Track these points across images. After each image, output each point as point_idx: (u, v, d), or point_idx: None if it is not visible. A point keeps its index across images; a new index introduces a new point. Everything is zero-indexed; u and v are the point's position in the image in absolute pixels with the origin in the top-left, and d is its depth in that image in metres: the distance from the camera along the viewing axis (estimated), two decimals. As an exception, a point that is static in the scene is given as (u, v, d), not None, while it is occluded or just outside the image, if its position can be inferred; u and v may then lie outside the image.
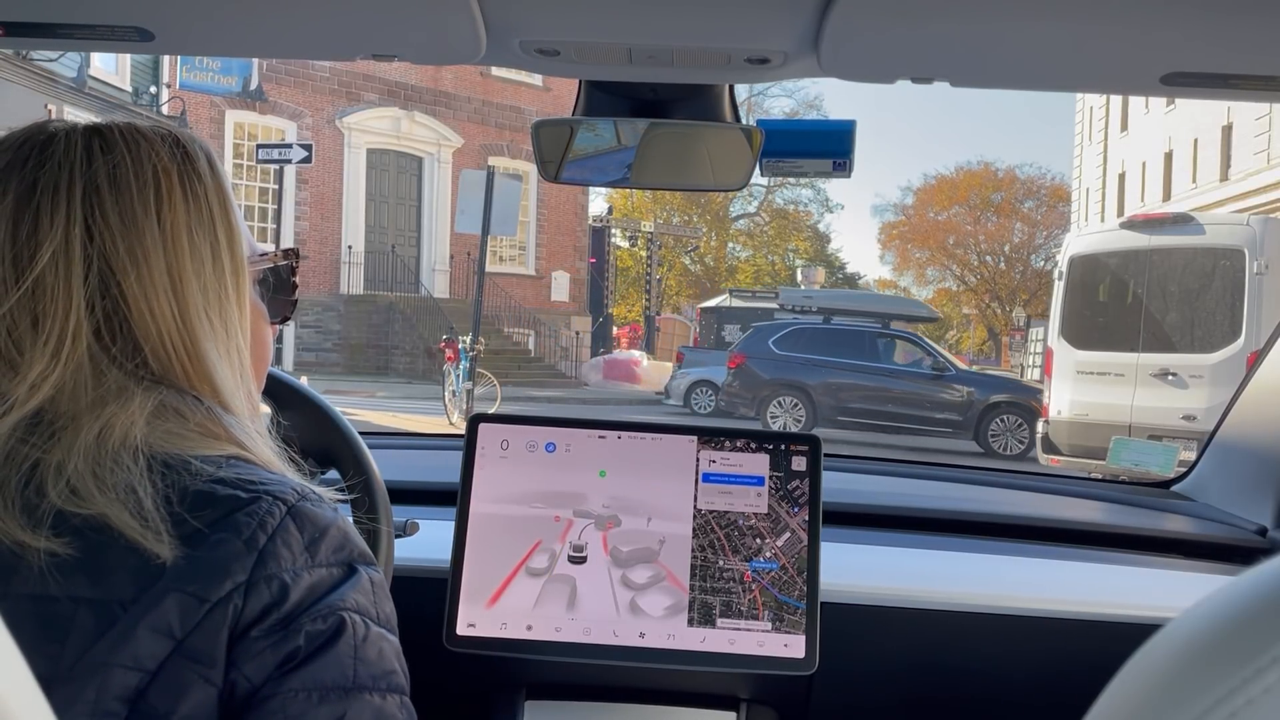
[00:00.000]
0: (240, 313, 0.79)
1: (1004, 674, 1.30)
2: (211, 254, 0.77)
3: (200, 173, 0.77)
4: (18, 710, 0.37)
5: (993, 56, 0.94)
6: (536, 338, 20.74)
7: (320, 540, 0.69)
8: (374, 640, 0.68)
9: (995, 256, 38.43)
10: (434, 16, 0.91)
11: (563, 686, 1.27)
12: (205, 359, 0.75)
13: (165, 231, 0.74)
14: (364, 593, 0.70)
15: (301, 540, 0.68)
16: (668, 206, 34.37)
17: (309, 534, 0.69)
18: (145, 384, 0.72)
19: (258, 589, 0.65)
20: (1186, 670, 0.33)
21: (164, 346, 0.73)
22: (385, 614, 0.71)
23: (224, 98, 17.58)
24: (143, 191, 0.74)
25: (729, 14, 0.90)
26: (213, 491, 0.68)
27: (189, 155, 0.78)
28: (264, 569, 0.66)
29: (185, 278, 0.74)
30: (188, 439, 0.70)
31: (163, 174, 0.75)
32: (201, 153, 0.79)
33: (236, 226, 0.79)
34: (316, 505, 0.71)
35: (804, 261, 36.11)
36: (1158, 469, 2.01)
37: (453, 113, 21.01)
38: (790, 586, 1.18)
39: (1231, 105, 18.63)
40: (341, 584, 0.69)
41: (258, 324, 0.84)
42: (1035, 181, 38.60)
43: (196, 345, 0.74)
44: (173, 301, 0.73)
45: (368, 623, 0.69)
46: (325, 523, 0.70)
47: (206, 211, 0.77)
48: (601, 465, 1.22)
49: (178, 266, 0.74)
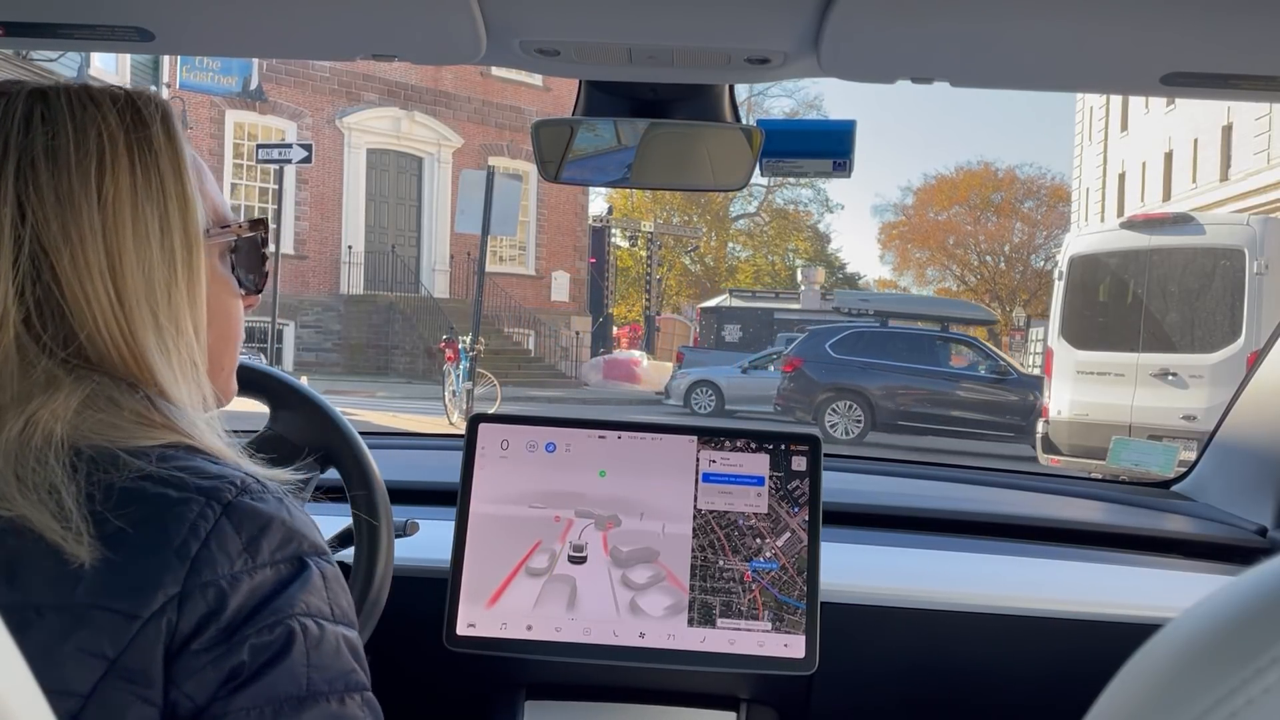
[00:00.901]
0: (191, 292, 0.72)
1: (1004, 674, 1.30)
2: (161, 229, 0.70)
3: (152, 138, 0.71)
4: (18, 710, 0.37)
5: (993, 56, 0.94)
6: (536, 338, 20.75)
7: (261, 537, 0.64)
8: (329, 641, 0.64)
9: (995, 256, 38.43)
10: (434, 17, 0.91)
11: (563, 686, 1.27)
12: (144, 346, 0.69)
13: (106, 208, 0.68)
14: (315, 591, 0.65)
15: (239, 540, 0.63)
16: (668, 206, 34.38)
17: (248, 532, 0.64)
18: (77, 373, 0.67)
19: (192, 600, 0.61)
20: (1186, 670, 0.33)
21: (100, 333, 0.67)
22: (342, 609, 0.67)
23: (224, 98, 17.59)
24: (83, 163, 0.68)
25: (729, 14, 0.90)
26: (141, 490, 0.63)
27: (141, 119, 0.71)
28: (198, 577, 0.61)
29: (125, 259, 0.68)
30: (121, 429, 0.66)
31: (108, 142, 0.69)
32: (157, 115, 0.72)
33: (191, 197, 0.73)
34: (258, 498, 0.66)
35: (804, 261, 36.09)
36: (1158, 469, 2.01)
37: (453, 113, 21.02)
38: (790, 586, 1.18)
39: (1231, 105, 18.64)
40: (289, 584, 0.64)
41: (224, 299, 0.78)
42: (1035, 181, 38.60)
43: (134, 332, 0.69)
44: (109, 285, 0.68)
45: (321, 624, 0.64)
46: (266, 517, 0.65)
47: (156, 182, 0.70)
48: (601, 465, 1.22)
49: (118, 246, 0.68)
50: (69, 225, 0.67)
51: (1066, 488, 1.76)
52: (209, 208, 0.76)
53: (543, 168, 1.22)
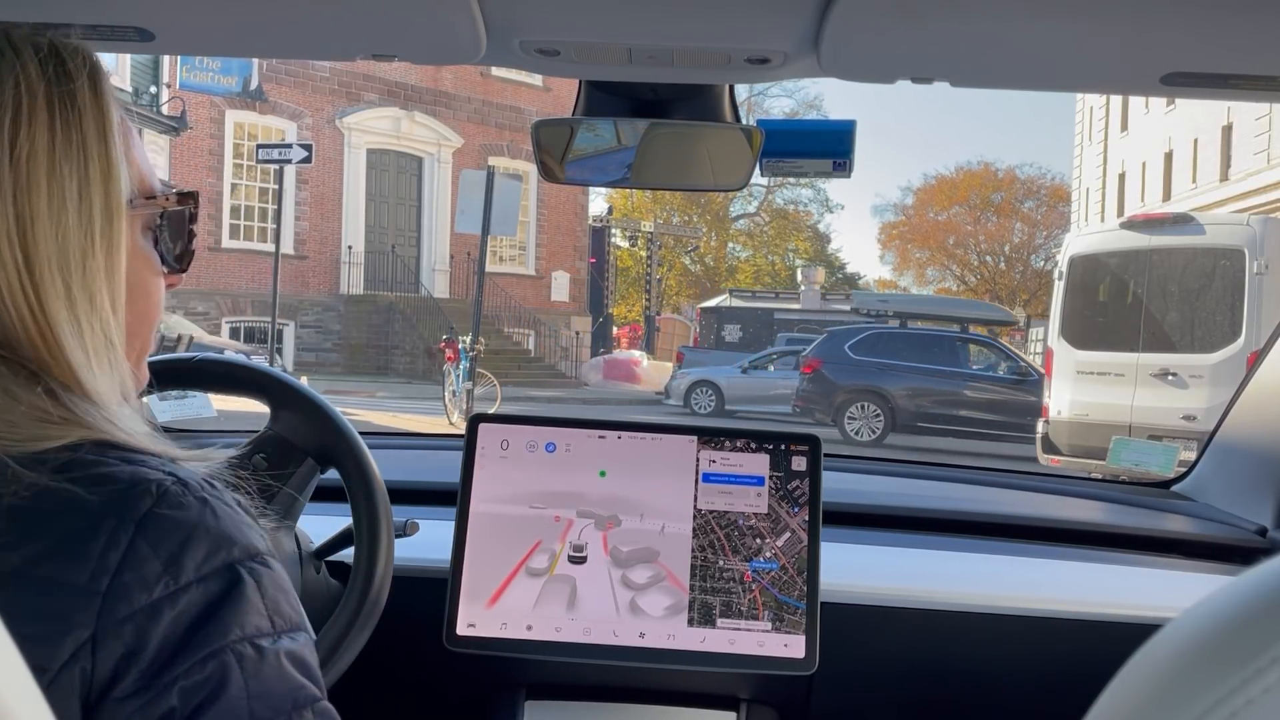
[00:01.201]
0: (109, 264, 0.65)
1: (1004, 674, 1.30)
2: (79, 193, 0.64)
3: (75, 93, 0.64)
4: (18, 710, 0.37)
5: (993, 56, 0.94)
6: (536, 338, 20.76)
7: (183, 553, 0.57)
8: (271, 663, 0.58)
9: (995, 256, 38.44)
10: (434, 17, 0.91)
11: (563, 687, 1.27)
12: (54, 319, 0.62)
13: (19, 166, 0.61)
14: (250, 607, 0.58)
15: (158, 562, 0.56)
16: (668, 206, 34.39)
17: (167, 549, 0.57)
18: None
19: (107, 643, 0.54)
20: (1186, 670, 0.33)
21: (4, 303, 0.61)
22: (285, 616, 0.61)
23: (224, 98, 17.60)
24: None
25: (729, 14, 0.90)
26: (35, 509, 0.55)
27: (65, 72, 0.64)
28: (112, 614, 0.54)
29: (37, 222, 0.62)
30: (15, 427, 0.58)
31: (25, 93, 0.62)
32: (84, 70, 0.65)
33: (116, 161, 0.66)
34: (177, 504, 0.59)
35: (804, 261, 36.09)
36: (1158, 469, 2.01)
37: (453, 113, 21.02)
38: (790, 586, 1.18)
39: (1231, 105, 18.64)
40: (219, 605, 0.57)
41: (143, 275, 0.71)
42: (1035, 181, 38.61)
43: (43, 302, 0.62)
44: (17, 250, 0.61)
45: (259, 646, 0.58)
46: (188, 526, 0.58)
47: (78, 141, 0.64)
48: (601, 465, 1.22)
49: (29, 208, 0.61)
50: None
51: (1066, 488, 1.76)
52: (135, 175, 0.69)
53: (543, 168, 1.22)
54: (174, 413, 1.73)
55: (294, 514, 1.12)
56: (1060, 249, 8.95)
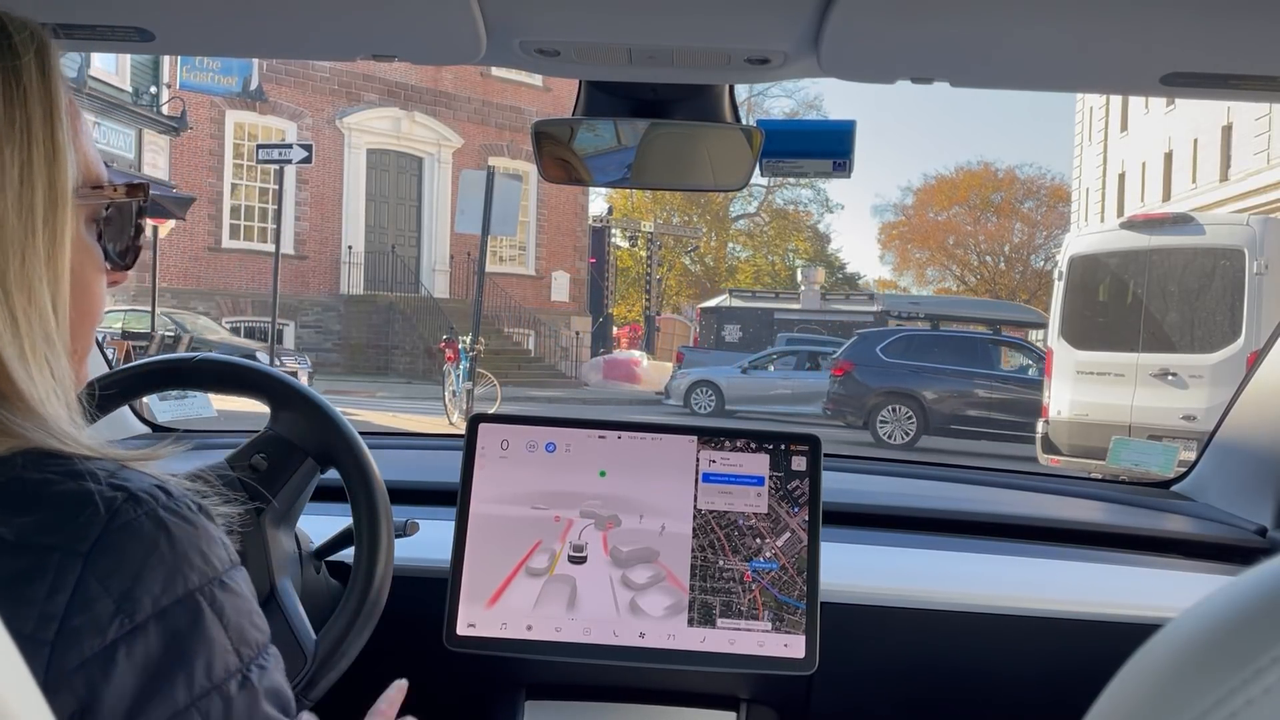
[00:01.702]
0: (51, 257, 0.60)
1: (1004, 674, 1.30)
2: (20, 178, 0.58)
3: (20, 70, 0.59)
4: (18, 710, 0.37)
5: (992, 57, 0.94)
6: (536, 338, 20.77)
7: (138, 584, 0.52)
8: (241, 709, 0.55)
9: (995, 257, 38.45)
10: (434, 17, 0.91)
11: (563, 687, 1.27)
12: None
13: None
14: (215, 645, 0.54)
15: (110, 599, 0.51)
16: (668, 207, 34.39)
17: (119, 583, 0.52)
18: None
19: (59, 696, 0.49)
20: (1186, 670, 0.33)
21: None
22: (250, 642, 0.57)
23: (224, 98, 17.60)
24: None
25: (729, 15, 0.90)
26: None
27: (10, 48, 0.59)
28: (62, 664, 0.49)
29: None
30: None
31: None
32: (31, 46, 0.60)
33: (62, 146, 0.61)
34: (129, 526, 0.53)
35: (804, 261, 36.10)
36: (1158, 469, 2.01)
37: (453, 113, 21.03)
38: (790, 586, 1.18)
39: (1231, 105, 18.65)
40: (180, 650, 0.53)
41: (86, 271, 0.66)
42: (1035, 181, 38.63)
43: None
44: None
45: (227, 697, 0.54)
46: (143, 552, 0.53)
47: (21, 122, 0.59)
48: (601, 465, 1.22)
49: None
50: None
51: (1066, 488, 1.76)
52: (81, 164, 0.64)
53: (542, 168, 1.22)
54: (174, 413, 1.73)
55: (294, 514, 1.12)
56: (1060, 249, 8.95)
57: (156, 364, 1.16)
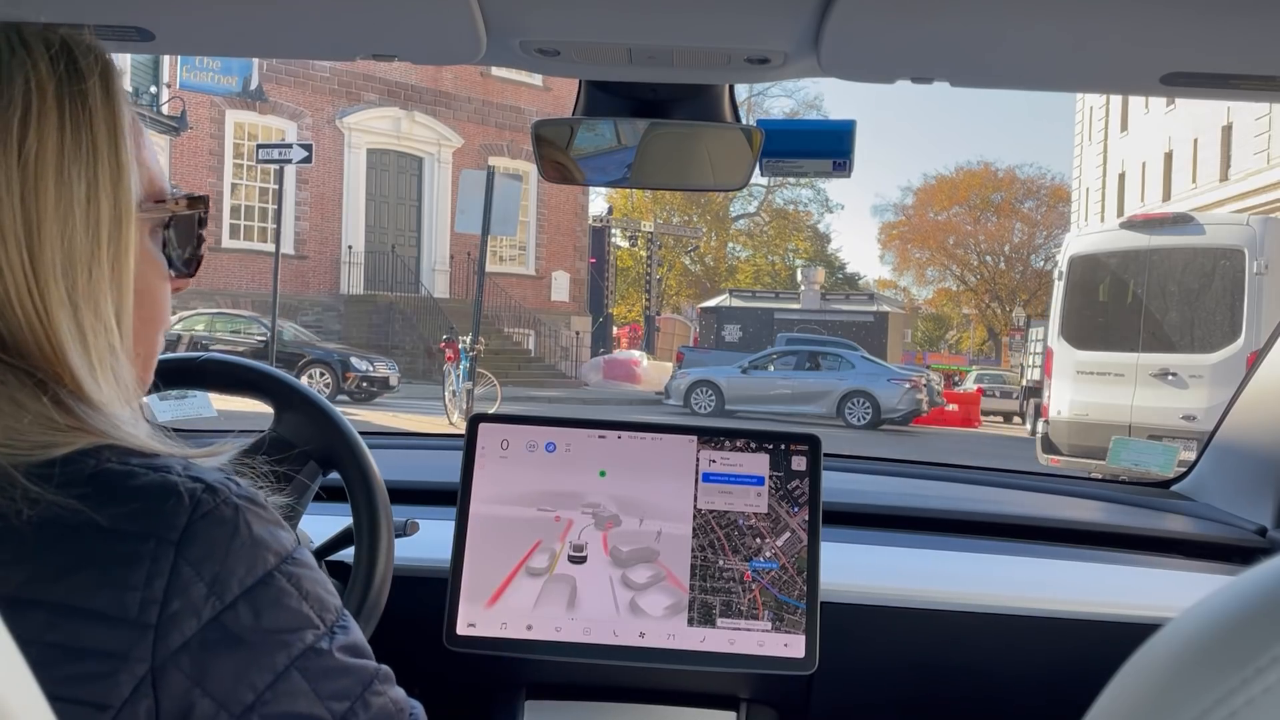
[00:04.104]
0: (116, 270, 0.63)
1: (1004, 673, 1.30)
2: (87, 196, 0.61)
3: (87, 93, 0.62)
4: (18, 710, 0.37)
5: (992, 56, 0.94)
6: (536, 338, 20.78)
7: (226, 568, 0.57)
8: (334, 663, 0.60)
9: (995, 256, 38.48)
10: (434, 17, 0.91)
11: (563, 686, 1.27)
12: (56, 327, 0.60)
13: (27, 167, 0.59)
14: (299, 615, 0.59)
15: (203, 582, 0.56)
16: (668, 206, 34.40)
17: (210, 568, 0.56)
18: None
19: (167, 675, 0.53)
20: (1186, 670, 0.33)
21: (12, 309, 0.59)
22: (327, 606, 0.61)
23: (224, 98, 17.59)
24: (5, 114, 0.59)
25: (729, 14, 0.90)
26: (68, 527, 0.54)
27: (76, 70, 0.62)
28: (167, 646, 0.53)
29: (44, 227, 0.60)
30: (23, 435, 0.56)
31: (35, 92, 0.60)
32: (96, 68, 0.63)
33: (126, 164, 0.64)
34: (211, 514, 0.57)
35: (804, 261, 36.13)
36: (1158, 469, 2.01)
37: (453, 113, 21.04)
38: (790, 586, 1.18)
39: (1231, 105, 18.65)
40: (270, 622, 0.57)
41: (151, 280, 0.69)
42: (1035, 181, 38.68)
43: (48, 310, 0.60)
44: (24, 255, 0.59)
45: (319, 651, 0.59)
46: (226, 538, 0.57)
47: (88, 143, 0.62)
48: (601, 465, 1.22)
49: (36, 211, 0.59)
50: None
51: (1066, 487, 1.76)
52: (144, 178, 0.68)
53: (542, 167, 1.22)
54: (174, 412, 1.73)
55: (295, 516, 1.12)
56: (1060, 249, 8.95)
57: (161, 363, 1.15)
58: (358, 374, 14.74)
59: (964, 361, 31.82)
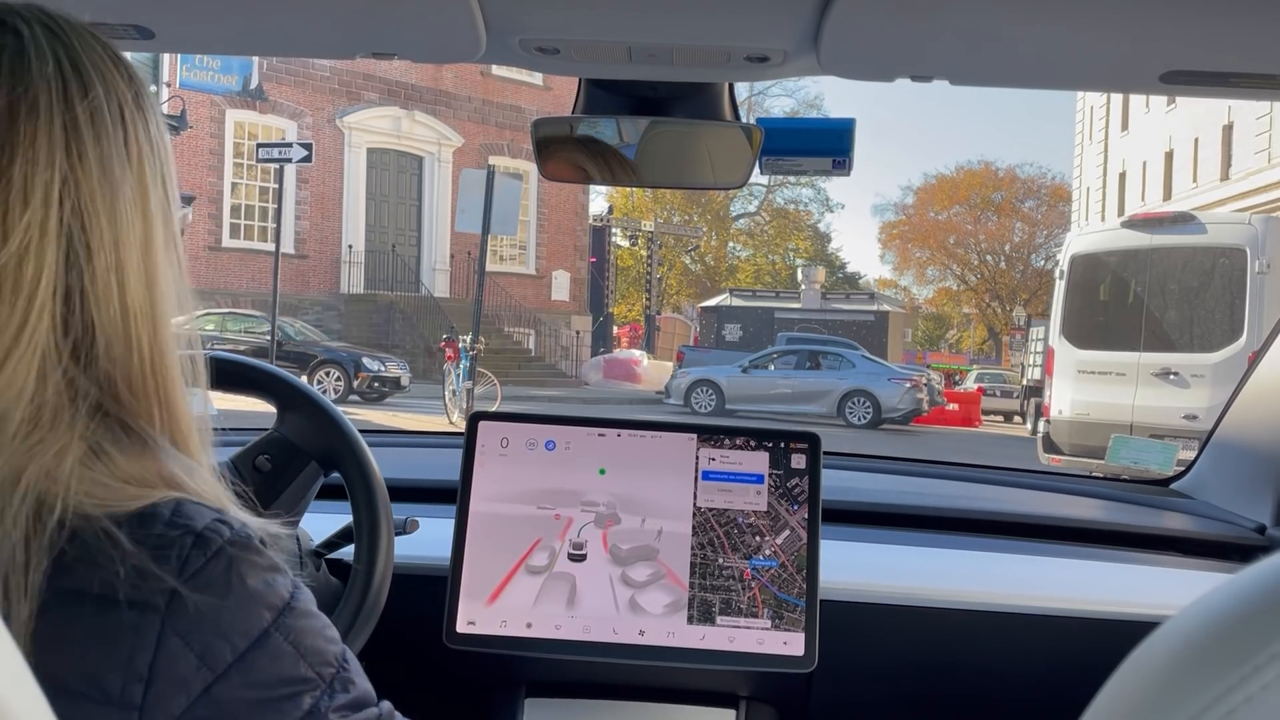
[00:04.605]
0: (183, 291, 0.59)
1: (1003, 671, 1.31)
2: (164, 215, 0.58)
3: (151, 105, 0.59)
4: (18, 710, 0.37)
5: (991, 55, 0.94)
6: (537, 337, 20.77)
7: (218, 634, 0.52)
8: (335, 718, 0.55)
9: (995, 256, 38.48)
10: (434, 15, 0.91)
11: (562, 684, 1.27)
12: (168, 363, 0.57)
13: (135, 186, 0.56)
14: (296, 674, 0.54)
15: (193, 654, 0.51)
16: (668, 206, 34.40)
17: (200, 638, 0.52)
18: (89, 402, 0.54)
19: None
20: (1185, 667, 0.33)
21: (129, 345, 0.55)
22: (327, 659, 0.56)
23: (225, 97, 17.57)
24: (116, 132, 0.56)
25: (729, 13, 0.90)
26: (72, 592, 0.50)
27: (134, 79, 0.59)
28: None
29: (154, 253, 0.56)
30: (109, 489, 0.52)
31: (128, 110, 0.57)
32: (137, 72, 0.60)
33: (174, 169, 0.61)
34: (200, 574, 0.52)
35: (804, 261, 36.13)
36: (1157, 467, 2.01)
37: (453, 112, 21.02)
38: (790, 584, 1.18)
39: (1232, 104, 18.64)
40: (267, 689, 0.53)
41: None
42: (1035, 181, 38.67)
43: (163, 346, 0.56)
44: (145, 285, 0.55)
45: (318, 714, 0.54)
46: (217, 598, 0.52)
47: (160, 156, 0.59)
48: (601, 463, 1.22)
49: (146, 237, 0.56)
50: (114, 209, 0.55)
51: (1065, 485, 1.76)
52: None
53: (542, 166, 1.22)
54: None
55: (296, 516, 1.12)
56: (1060, 248, 8.94)
57: None
58: (369, 374, 14.70)
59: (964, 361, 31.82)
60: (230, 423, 1.80)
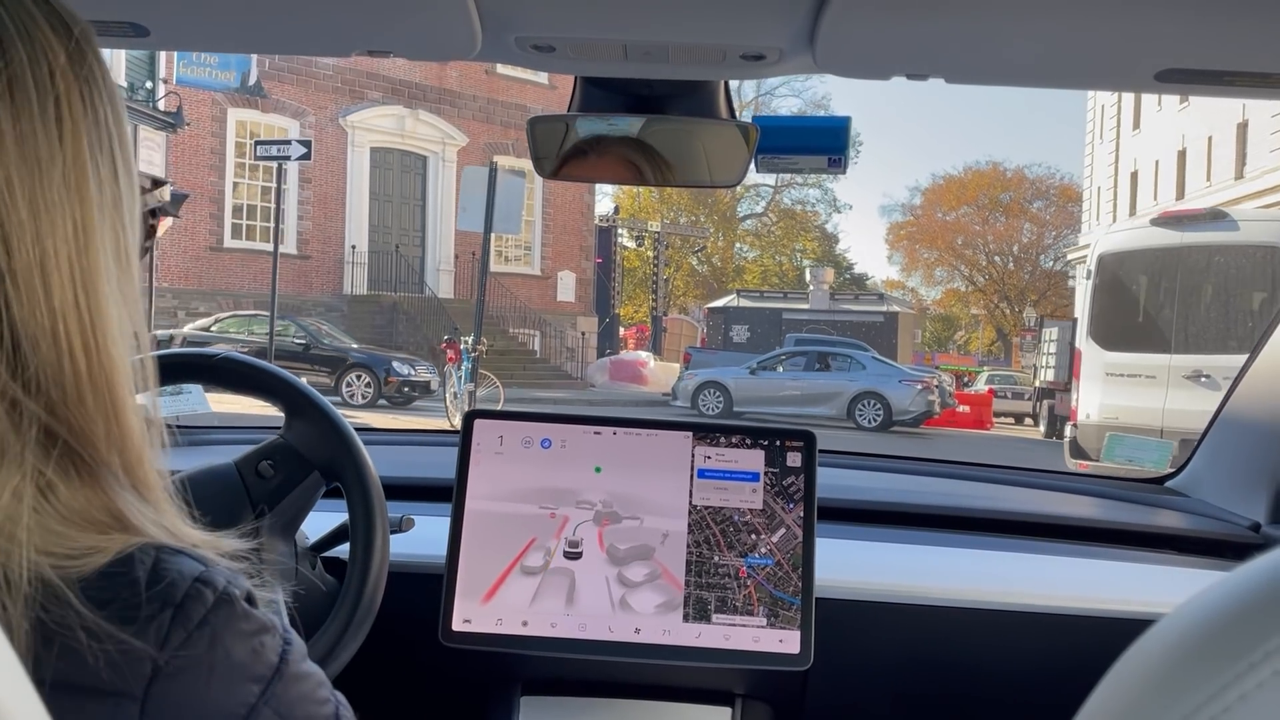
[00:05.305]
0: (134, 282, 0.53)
1: (998, 669, 1.30)
2: (112, 200, 0.51)
3: (98, 73, 0.52)
4: (17, 710, 0.37)
5: (987, 53, 0.94)
6: (542, 338, 20.76)
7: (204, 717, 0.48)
8: None
9: (1004, 257, 38.43)
10: (429, 12, 0.91)
11: (558, 682, 1.27)
12: (112, 370, 0.49)
13: (68, 167, 0.49)
14: None
15: None
16: (675, 206, 34.39)
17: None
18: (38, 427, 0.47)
19: None
20: (1180, 665, 0.33)
21: (63, 350, 0.48)
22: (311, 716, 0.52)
23: (226, 95, 17.55)
24: (43, 104, 0.48)
25: (724, 11, 0.90)
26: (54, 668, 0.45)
27: (80, 44, 0.51)
28: None
29: (93, 245, 0.49)
30: (60, 537, 0.45)
31: (60, 75, 0.49)
32: (89, 41, 0.52)
33: (130, 147, 0.54)
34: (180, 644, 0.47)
35: (812, 262, 36.10)
36: (1152, 465, 2.00)
37: (457, 111, 21.02)
38: (785, 582, 1.18)
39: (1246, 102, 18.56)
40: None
41: None
42: (1044, 181, 38.63)
43: (104, 349, 0.49)
44: (79, 278, 0.48)
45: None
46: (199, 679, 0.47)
47: (106, 130, 0.51)
48: (597, 461, 1.22)
49: (83, 227, 0.49)
50: (39, 194, 0.47)
51: (1060, 483, 1.76)
52: None
53: (538, 164, 1.22)
54: (168, 408, 1.73)
55: (295, 524, 1.12)
56: (1070, 249, 8.83)
57: (176, 357, 1.15)
58: (399, 378, 14.55)
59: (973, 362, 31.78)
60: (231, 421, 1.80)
